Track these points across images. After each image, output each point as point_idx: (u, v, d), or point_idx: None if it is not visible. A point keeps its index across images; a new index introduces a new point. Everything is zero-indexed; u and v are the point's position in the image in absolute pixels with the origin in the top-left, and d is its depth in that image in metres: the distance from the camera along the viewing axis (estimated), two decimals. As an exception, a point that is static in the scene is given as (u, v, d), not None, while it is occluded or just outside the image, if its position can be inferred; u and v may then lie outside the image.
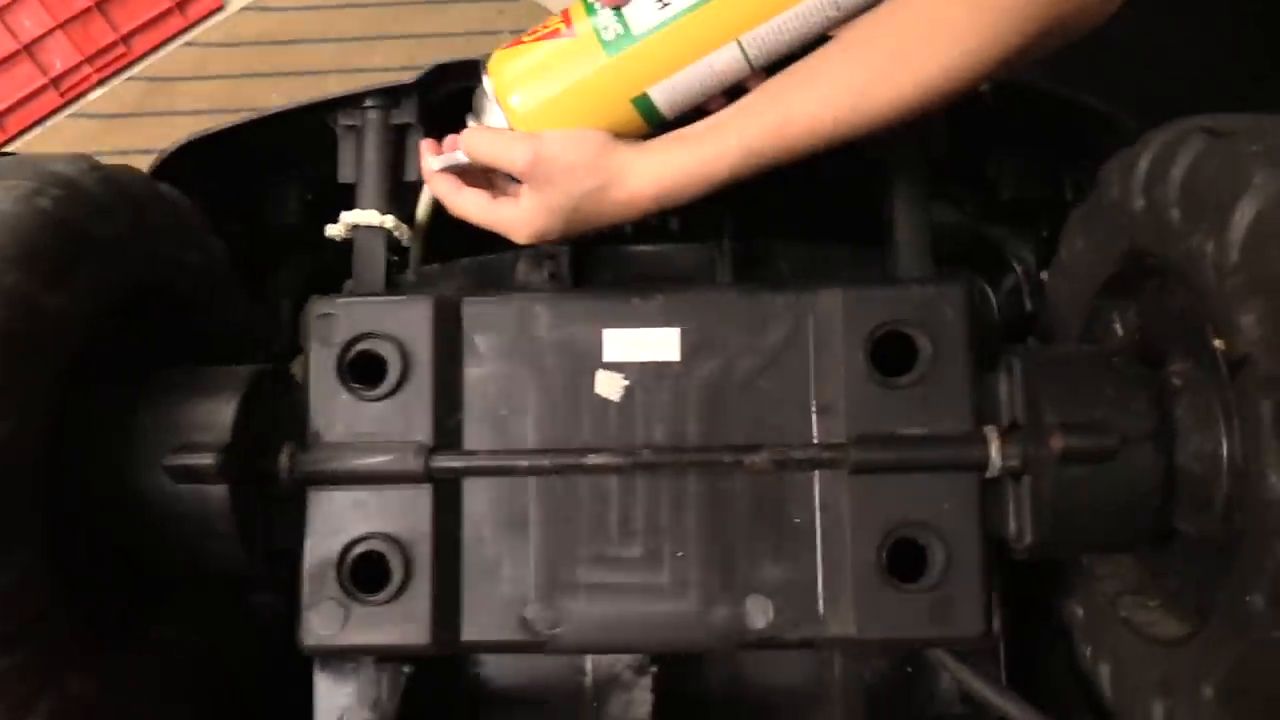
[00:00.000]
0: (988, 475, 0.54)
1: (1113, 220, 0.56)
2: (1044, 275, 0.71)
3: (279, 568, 0.57)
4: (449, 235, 0.72)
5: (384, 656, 0.59)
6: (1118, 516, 0.51)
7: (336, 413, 0.57)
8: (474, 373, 0.58)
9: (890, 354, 0.56)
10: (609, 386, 0.57)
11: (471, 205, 0.60)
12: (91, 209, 0.52)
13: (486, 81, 0.60)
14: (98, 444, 0.53)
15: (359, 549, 0.56)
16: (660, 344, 0.57)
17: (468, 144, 0.59)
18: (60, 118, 1.81)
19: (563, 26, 0.59)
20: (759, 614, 0.55)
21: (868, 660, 0.62)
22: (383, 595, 0.55)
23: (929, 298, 0.55)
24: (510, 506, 0.57)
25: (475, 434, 0.57)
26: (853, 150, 0.70)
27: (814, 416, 0.56)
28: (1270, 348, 0.43)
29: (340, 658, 0.60)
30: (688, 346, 0.57)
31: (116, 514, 0.54)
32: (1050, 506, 0.51)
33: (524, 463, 0.56)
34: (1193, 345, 0.52)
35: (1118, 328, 0.60)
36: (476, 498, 0.57)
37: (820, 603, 0.55)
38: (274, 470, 0.55)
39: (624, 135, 0.58)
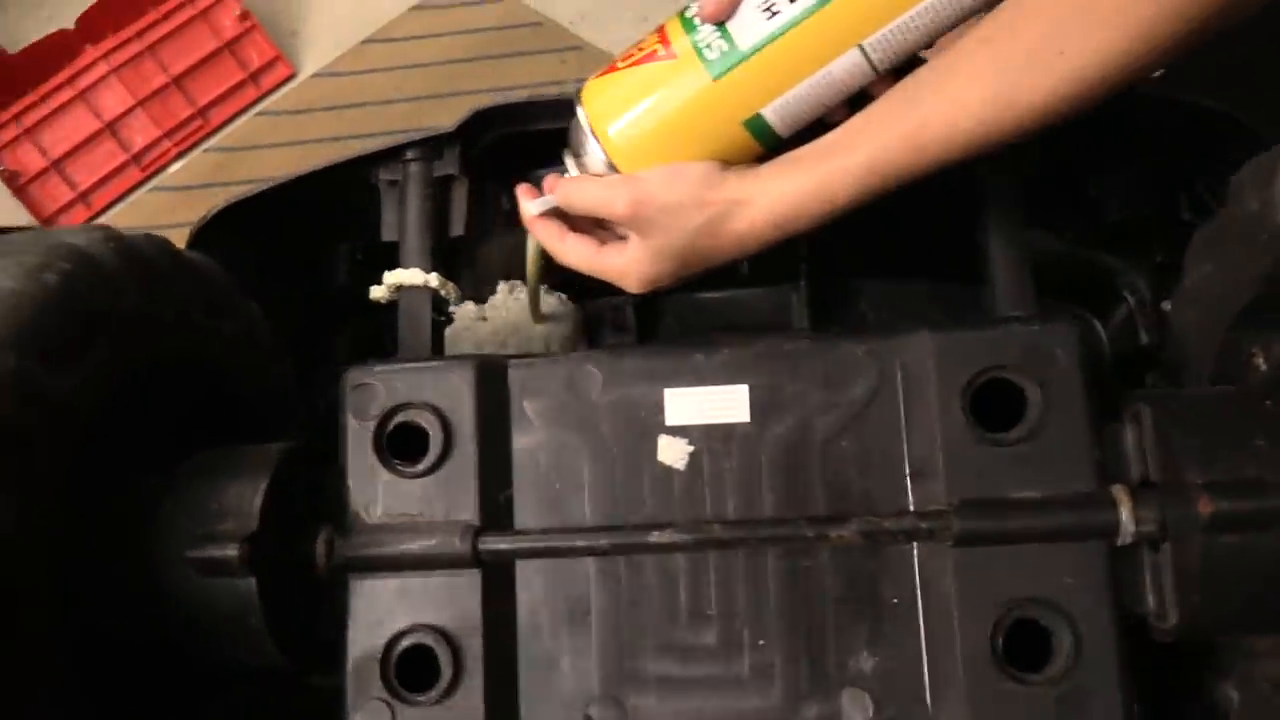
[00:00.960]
0: (1119, 543, 0.46)
1: (1250, 239, 0.48)
2: (1165, 306, 0.62)
3: (328, 660, 0.52)
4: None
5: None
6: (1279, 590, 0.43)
7: (376, 492, 0.52)
8: (524, 443, 0.52)
9: (993, 406, 0.49)
10: (673, 453, 0.51)
11: (577, 254, 0.55)
12: (104, 282, 0.48)
13: (581, 114, 0.54)
14: (122, 537, 0.49)
15: (405, 643, 0.50)
16: (728, 403, 0.51)
17: (564, 195, 0.54)
18: (141, 192, 1.84)
19: (660, 47, 0.52)
20: (856, 711, 0.47)
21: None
22: (432, 694, 0.49)
23: (1035, 338, 0.48)
24: (569, 591, 0.50)
25: (527, 511, 0.52)
26: (940, 175, 0.64)
27: (908, 480, 0.49)
28: None
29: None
30: (759, 405, 0.51)
31: (144, 612, 0.49)
32: (1199, 580, 0.43)
33: (582, 542, 0.50)
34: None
35: (1260, 362, 0.52)
36: (531, 583, 0.51)
37: (928, 697, 0.47)
38: (311, 556, 0.50)
39: (736, 161, 0.52)
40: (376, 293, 0.65)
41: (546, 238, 0.56)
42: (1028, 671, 0.46)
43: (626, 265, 0.53)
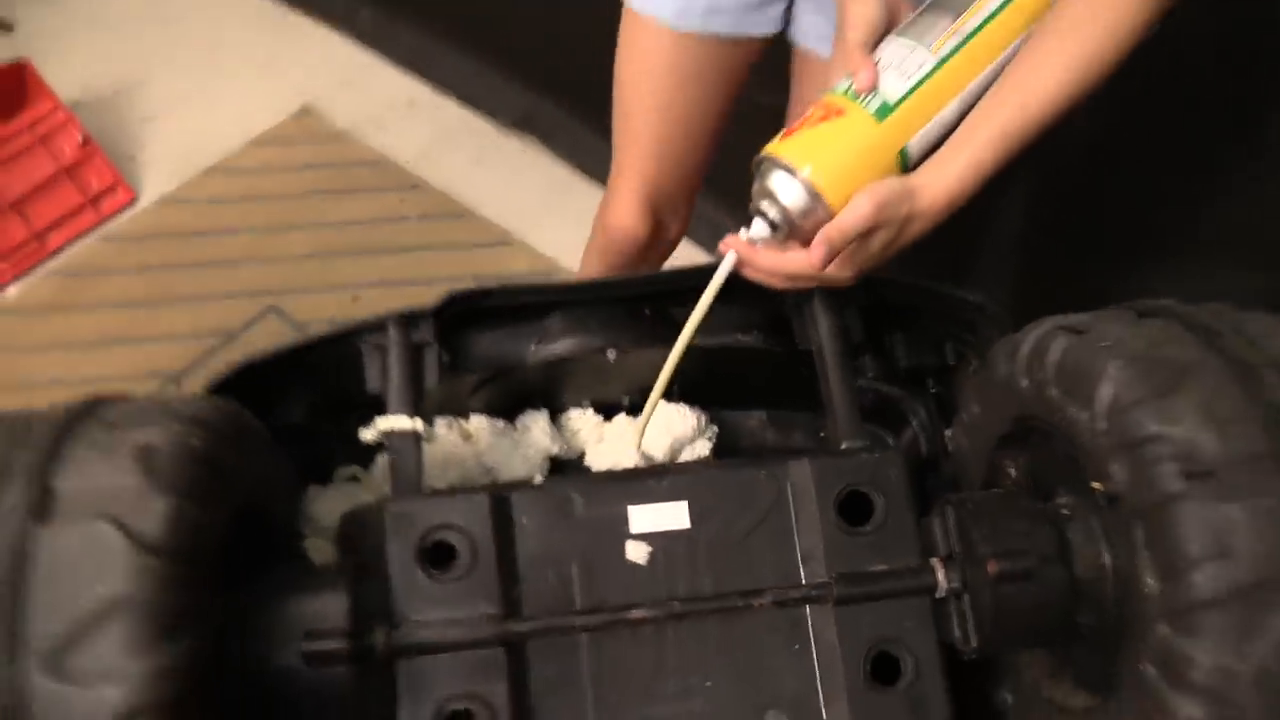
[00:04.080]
0: (937, 596, 0.71)
1: (1003, 393, 0.75)
2: (948, 433, 0.89)
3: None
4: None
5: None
6: (1040, 618, 0.68)
7: (417, 594, 0.69)
8: (527, 551, 0.71)
9: (852, 509, 0.72)
10: (637, 553, 0.71)
11: (798, 262, 0.77)
12: (222, 441, 0.63)
13: (779, 162, 0.77)
14: (242, 638, 0.63)
15: (450, 706, 0.67)
16: (674, 515, 0.72)
17: (831, 239, 0.75)
18: (-24, 317, 1.84)
19: (827, 112, 0.77)
20: None
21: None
22: (470, 744, 0.66)
23: (878, 463, 0.72)
24: (568, 660, 0.69)
25: (533, 603, 0.70)
26: (790, 341, 0.89)
27: (800, 563, 0.71)
28: (1134, 488, 0.61)
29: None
30: (695, 515, 0.72)
31: (262, 702, 0.63)
32: (989, 616, 0.68)
33: (579, 622, 0.69)
34: (1073, 485, 0.70)
35: (1012, 472, 0.79)
36: (539, 655, 0.69)
37: (823, 710, 0.69)
38: (372, 646, 0.66)
39: None
40: (367, 435, 0.82)
41: (769, 261, 0.78)
42: (887, 686, 0.69)
43: (881, 250, 0.77)
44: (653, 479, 0.73)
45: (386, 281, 1.81)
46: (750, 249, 0.78)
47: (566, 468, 1.02)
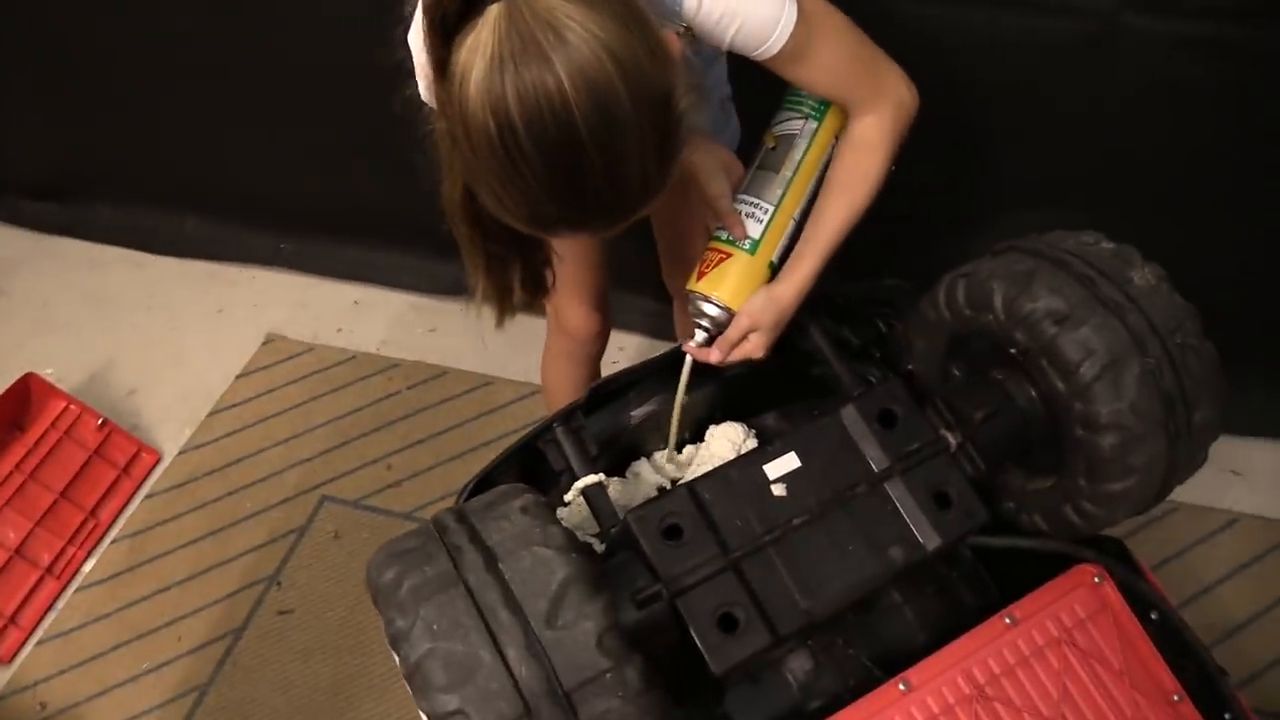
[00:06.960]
0: (951, 450, 1.18)
1: (935, 326, 1.25)
2: (910, 367, 1.38)
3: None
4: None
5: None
6: (1009, 440, 1.17)
7: (669, 559, 1.10)
8: (718, 512, 1.14)
9: (885, 420, 1.19)
10: (779, 490, 1.15)
11: (718, 355, 1.29)
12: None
13: (701, 295, 1.29)
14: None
15: (720, 612, 1.08)
16: (790, 461, 1.17)
17: (722, 345, 1.29)
18: (65, 598, 2.09)
19: (718, 256, 1.28)
20: (896, 556, 1.14)
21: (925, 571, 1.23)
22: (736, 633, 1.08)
23: (890, 389, 1.20)
24: (768, 564, 1.12)
25: (732, 536, 1.13)
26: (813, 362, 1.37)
27: (870, 461, 1.18)
28: (1033, 341, 1.10)
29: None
30: (801, 457, 1.17)
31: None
32: (980, 449, 1.16)
33: (765, 539, 1.12)
34: (996, 360, 1.20)
35: (956, 371, 1.28)
36: (751, 567, 1.12)
37: (917, 535, 1.15)
38: (660, 593, 1.07)
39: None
40: (570, 495, 1.23)
41: (709, 355, 1.30)
42: (946, 510, 1.15)
43: (764, 340, 1.27)
44: (769, 447, 1.18)
45: (407, 444, 2.18)
46: (697, 350, 1.32)
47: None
